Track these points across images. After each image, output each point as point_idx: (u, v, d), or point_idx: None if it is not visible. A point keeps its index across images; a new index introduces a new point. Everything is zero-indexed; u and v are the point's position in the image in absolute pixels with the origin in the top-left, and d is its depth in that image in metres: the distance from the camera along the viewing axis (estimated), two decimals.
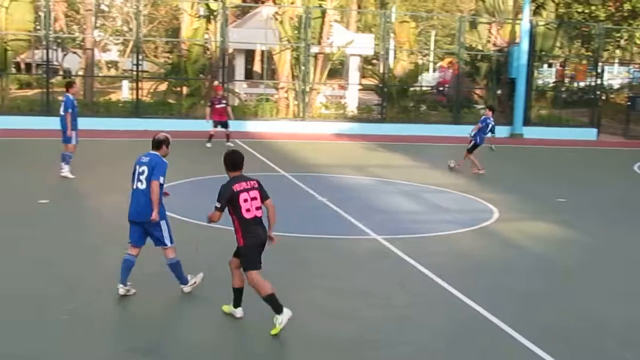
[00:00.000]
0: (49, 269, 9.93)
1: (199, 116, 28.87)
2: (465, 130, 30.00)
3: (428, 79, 50.25)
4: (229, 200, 7.97)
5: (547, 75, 46.90)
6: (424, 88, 37.09)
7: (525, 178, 20.48)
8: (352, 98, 35.86)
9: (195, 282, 9.06)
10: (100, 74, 51.88)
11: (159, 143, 8.98)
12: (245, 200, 8.00)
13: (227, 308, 8.42)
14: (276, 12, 31.76)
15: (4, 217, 12.92)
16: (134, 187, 8.83)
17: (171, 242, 8.89)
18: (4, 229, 12.13)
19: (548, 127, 32.58)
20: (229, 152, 8.34)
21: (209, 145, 23.14)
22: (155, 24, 56.97)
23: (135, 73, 30.16)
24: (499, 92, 33.81)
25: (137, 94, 29.89)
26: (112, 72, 59.62)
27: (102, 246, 11.18)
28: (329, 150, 25.02)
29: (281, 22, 31.00)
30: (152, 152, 8.96)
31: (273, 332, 7.82)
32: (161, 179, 8.74)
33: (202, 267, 9.38)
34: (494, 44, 33.63)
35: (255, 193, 8.12)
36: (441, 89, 43.61)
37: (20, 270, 9.85)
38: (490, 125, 20.48)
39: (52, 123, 27.05)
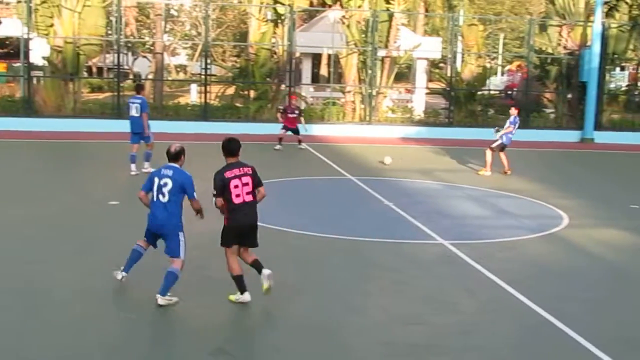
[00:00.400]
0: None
1: (266, 119, 29.16)
2: (536, 135, 29.86)
3: (496, 82, 49.73)
4: (222, 186, 8.56)
5: (619, 79, 45.85)
6: (492, 92, 36.67)
7: (596, 184, 20.07)
8: (419, 102, 35.69)
9: (171, 301, 8.64)
10: (169, 78, 52.66)
11: (177, 155, 8.88)
12: (236, 187, 8.60)
13: (234, 297, 8.76)
14: (343, 16, 31.83)
15: (76, 218, 13.22)
16: (155, 199, 8.75)
17: (184, 255, 8.78)
18: (76, 229, 12.41)
19: (620, 131, 31.94)
20: (226, 140, 8.84)
21: (277, 147, 23.26)
22: (224, 28, 57.70)
23: (203, 77, 30.55)
24: (569, 96, 33.21)
25: (205, 98, 30.26)
26: (181, 75, 60.49)
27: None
28: (395, 154, 24.88)
29: (348, 26, 31.06)
30: (171, 164, 8.85)
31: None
32: (195, 194, 8.74)
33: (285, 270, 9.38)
34: (565, 47, 33.01)
35: (247, 179, 8.68)
36: (509, 92, 43.10)
37: (91, 269, 10.04)
38: (516, 125, 20.24)
39: (122, 126, 27.67)
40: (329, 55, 35.80)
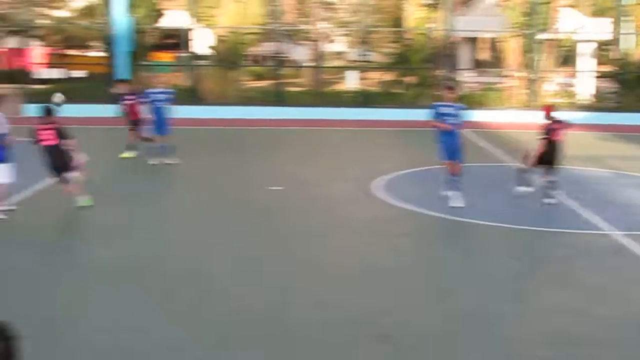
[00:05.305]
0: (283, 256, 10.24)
1: (424, 105, 28.73)
2: None
3: None
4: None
5: None
6: None
7: None
8: (585, 86, 34.33)
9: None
10: (328, 65, 53.11)
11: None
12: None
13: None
14: None
15: (240, 204, 13.61)
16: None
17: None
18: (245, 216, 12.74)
19: None
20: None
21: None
22: (381, 15, 57.55)
23: (361, 63, 30.56)
24: None
25: (362, 84, 30.26)
26: (338, 62, 60.93)
27: (328, 233, 11.43)
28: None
29: (509, 9, 30.23)
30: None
31: None
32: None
33: None
34: None
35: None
36: None
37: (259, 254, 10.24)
38: None
39: (283, 113, 28.14)
40: (489, 39, 35.01)
